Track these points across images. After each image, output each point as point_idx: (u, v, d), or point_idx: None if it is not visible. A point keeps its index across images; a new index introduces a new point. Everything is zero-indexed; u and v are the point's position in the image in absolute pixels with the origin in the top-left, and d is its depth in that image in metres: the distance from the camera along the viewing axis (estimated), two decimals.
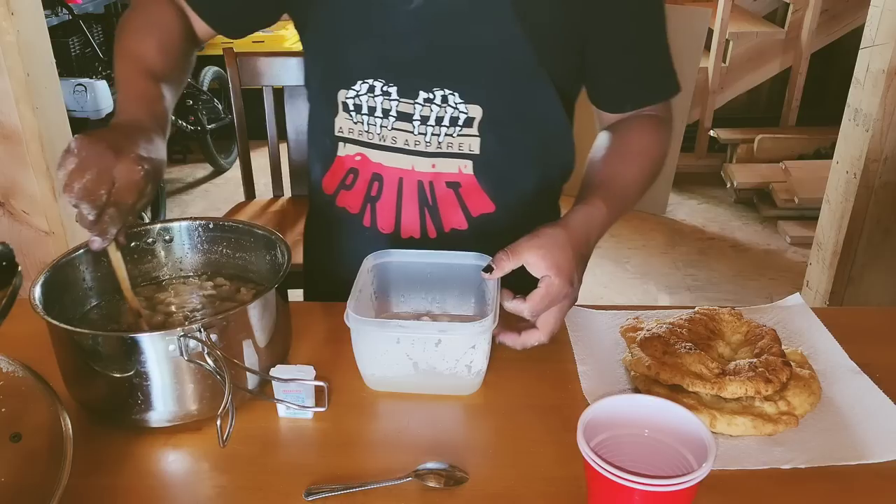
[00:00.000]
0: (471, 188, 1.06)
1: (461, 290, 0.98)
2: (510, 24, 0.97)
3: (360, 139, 1.08)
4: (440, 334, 0.84)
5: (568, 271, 0.87)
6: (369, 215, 1.10)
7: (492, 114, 1.02)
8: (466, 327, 0.84)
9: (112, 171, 0.78)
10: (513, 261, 0.86)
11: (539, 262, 0.86)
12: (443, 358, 0.85)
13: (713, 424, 0.81)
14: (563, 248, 0.88)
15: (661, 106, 1.10)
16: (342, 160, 1.11)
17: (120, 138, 0.82)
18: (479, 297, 0.97)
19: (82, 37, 3.19)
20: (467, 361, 0.85)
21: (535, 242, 0.87)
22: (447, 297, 0.99)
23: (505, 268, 0.87)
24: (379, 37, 1.01)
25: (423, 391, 0.89)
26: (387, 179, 1.08)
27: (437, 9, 0.98)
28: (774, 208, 3.46)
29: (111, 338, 0.80)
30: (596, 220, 0.95)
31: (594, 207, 0.95)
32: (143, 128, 0.87)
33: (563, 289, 0.87)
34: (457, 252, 0.96)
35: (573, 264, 0.88)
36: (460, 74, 1.01)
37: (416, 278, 0.98)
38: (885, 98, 1.95)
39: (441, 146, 1.04)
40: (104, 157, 0.78)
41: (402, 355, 0.85)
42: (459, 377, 0.87)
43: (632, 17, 1.02)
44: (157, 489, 0.77)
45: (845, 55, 3.87)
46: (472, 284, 0.96)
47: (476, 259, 0.94)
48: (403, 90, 1.02)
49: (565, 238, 0.89)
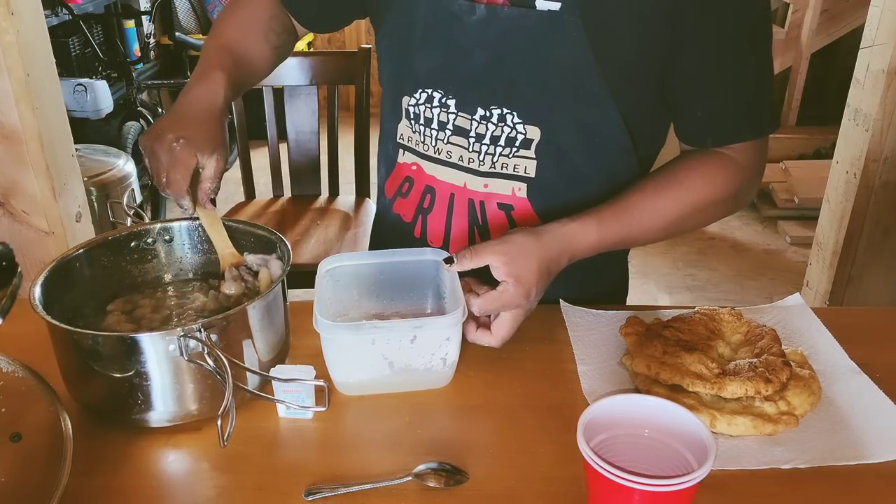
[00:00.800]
0: (523, 212, 1.03)
1: (416, 288, 0.98)
2: (581, 46, 0.92)
3: (417, 149, 1.07)
4: (415, 330, 0.84)
5: (527, 283, 0.88)
6: (420, 226, 1.10)
7: (551, 137, 0.98)
8: (440, 320, 0.85)
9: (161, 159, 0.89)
10: (474, 261, 0.88)
11: (500, 268, 0.87)
12: (418, 354, 0.86)
13: (713, 424, 0.81)
14: (528, 259, 0.88)
15: (747, 146, 0.98)
16: (401, 167, 1.11)
17: (166, 124, 0.91)
18: (436, 293, 0.98)
19: (82, 37, 3.18)
20: (442, 354, 0.86)
21: (501, 248, 0.88)
22: (402, 295, 0.99)
23: (465, 265, 0.89)
24: (444, 47, 0.99)
25: (398, 390, 0.89)
26: (439, 193, 1.06)
27: (503, 24, 0.94)
28: (774, 208, 3.47)
29: (111, 338, 0.80)
30: (579, 240, 0.93)
31: (583, 228, 0.93)
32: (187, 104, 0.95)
33: (517, 299, 0.88)
34: (410, 249, 0.97)
35: (535, 277, 0.88)
36: (521, 93, 0.97)
37: (370, 280, 0.98)
38: (885, 98, 1.95)
39: (495, 166, 1.01)
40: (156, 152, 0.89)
41: (378, 356, 0.85)
42: (434, 371, 0.87)
43: (725, 45, 0.93)
44: (157, 489, 0.77)
45: (845, 55, 3.88)
46: (428, 281, 0.97)
47: (433, 255, 0.95)
48: (461, 104, 1.01)
49: (534, 249, 0.89)
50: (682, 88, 0.97)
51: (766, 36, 0.97)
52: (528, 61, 0.95)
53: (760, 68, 0.96)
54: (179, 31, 3.76)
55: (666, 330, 0.92)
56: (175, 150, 0.88)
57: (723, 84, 0.95)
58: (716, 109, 0.97)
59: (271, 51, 1.10)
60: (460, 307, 0.85)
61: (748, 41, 0.94)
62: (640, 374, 0.89)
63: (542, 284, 0.90)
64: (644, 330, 0.93)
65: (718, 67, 0.94)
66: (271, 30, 1.09)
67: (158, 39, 3.71)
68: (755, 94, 0.97)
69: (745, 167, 0.99)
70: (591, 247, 0.94)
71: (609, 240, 0.95)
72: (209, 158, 0.90)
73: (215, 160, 0.91)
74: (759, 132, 0.99)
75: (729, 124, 0.98)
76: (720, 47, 0.93)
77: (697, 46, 0.92)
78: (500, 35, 0.95)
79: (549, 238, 0.91)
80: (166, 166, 0.89)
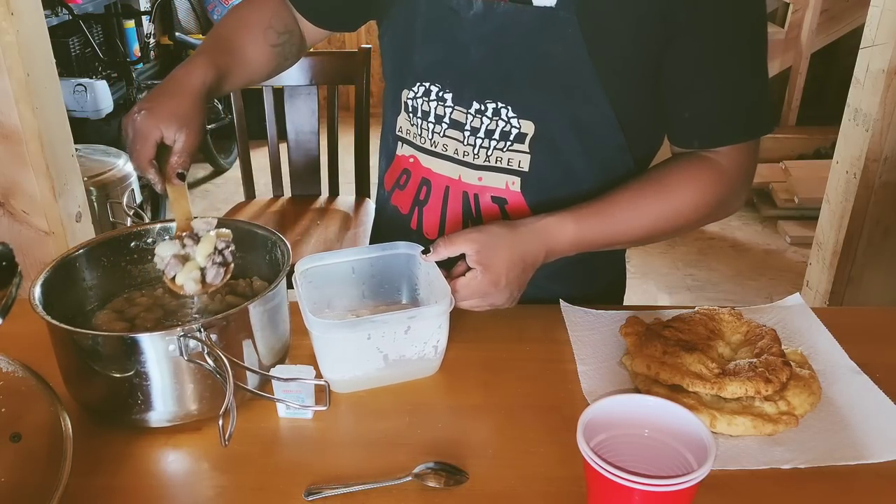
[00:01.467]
0: (517, 206, 1.04)
1: (388, 282, 1.00)
2: (575, 43, 0.93)
3: (414, 141, 1.08)
4: (409, 321, 0.86)
5: (496, 270, 0.90)
6: (416, 218, 1.11)
7: (545, 132, 0.99)
8: (433, 309, 0.87)
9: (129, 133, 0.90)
10: (449, 249, 0.91)
11: (472, 255, 0.90)
12: (412, 344, 0.87)
13: (713, 424, 0.81)
14: (499, 248, 0.90)
15: (735, 149, 0.97)
16: (399, 160, 1.12)
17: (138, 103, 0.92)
18: (410, 285, 1.00)
19: (82, 37, 3.18)
20: (434, 342, 0.88)
21: (474, 237, 0.91)
22: (376, 290, 1.00)
23: (441, 254, 0.92)
24: (443, 42, 1.01)
25: (390, 382, 0.90)
26: (434, 185, 1.08)
27: (500, 20, 0.96)
28: (774, 208, 3.47)
29: (111, 338, 0.80)
30: (555, 235, 0.94)
31: (559, 223, 0.94)
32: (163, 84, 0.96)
33: (485, 286, 0.90)
34: (382, 244, 0.99)
35: (504, 266, 0.90)
36: (515, 88, 0.98)
37: (343, 278, 0.99)
38: (885, 98, 1.95)
39: (489, 159, 1.02)
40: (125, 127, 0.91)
41: (373, 350, 0.86)
42: (426, 360, 0.90)
43: (715, 46, 0.92)
44: (157, 489, 0.77)
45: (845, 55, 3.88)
46: (401, 274, 1.00)
47: (406, 248, 0.97)
48: (458, 97, 1.02)
49: (507, 239, 0.91)
50: (670, 88, 0.96)
51: (760, 39, 0.95)
52: (523, 57, 0.96)
53: (752, 71, 0.95)
54: (179, 31, 3.76)
55: (666, 330, 0.92)
56: (136, 122, 0.89)
57: (711, 85, 0.95)
58: (703, 110, 0.96)
59: (270, 48, 1.10)
60: (448, 295, 0.87)
61: (739, 43, 0.93)
62: (640, 374, 0.89)
63: (513, 275, 0.91)
64: (644, 330, 0.93)
65: (707, 68, 0.94)
66: (271, 27, 1.09)
67: (158, 39, 3.70)
68: (745, 96, 0.96)
69: (731, 174, 0.97)
70: (570, 243, 0.95)
71: (588, 238, 0.96)
72: (178, 133, 0.90)
73: (185, 135, 0.90)
74: (746, 135, 0.97)
75: (716, 126, 0.97)
76: (710, 48, 0.93)
77: (687, 46, 0.92)
78: (497, 30, 0.96)
79: (524, 230, 0.93)
80: (131, 139, 0.90)
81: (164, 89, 0.95)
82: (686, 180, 0.98)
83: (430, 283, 0.94)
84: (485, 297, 0.92)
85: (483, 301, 0.92)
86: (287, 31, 1.12)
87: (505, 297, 0.93)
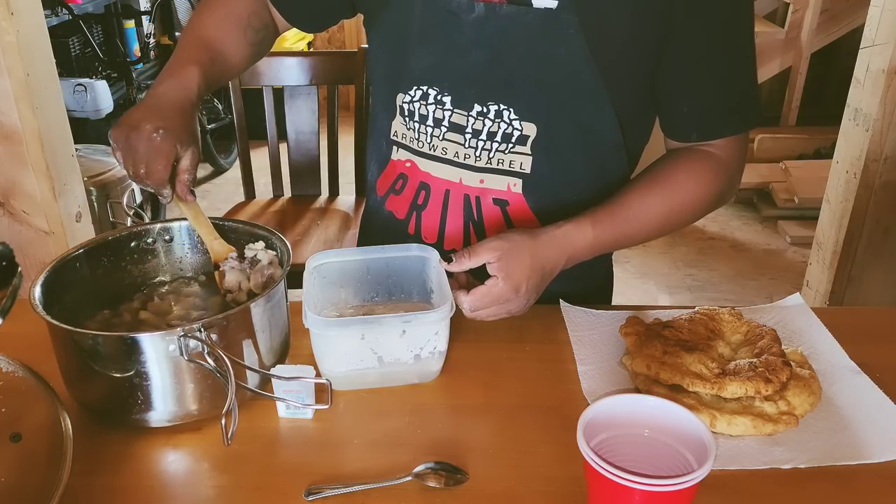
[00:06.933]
0: (518, 208, 1.04)
1: (402, 283, 1.00)
2: (577, 44, 0.93)
3: (411, 146, 1.08)
4: (405, 325, 0.85)
5: (517, 278, 0.90)
6: (414, 223, 1.10)
7: (547, 133, 0.99)
8: (429, 315, 0.86)
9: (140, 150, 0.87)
10: (472, 261, 0.91)
11: (494, 264, 0.90)
12: (408, 348, 0.87)
13: (713, 424, 0.81)
14: (520, 257, 0.90)
15: (730, 141, 1.00)
16: (394, 164, 1.11)
17: (140, 116, 0.89)
18: (422, 288, 0.99)
19: (82, 37, 3.18)
20: (431, 348, 0.88)
21: (496, 244, 0.90)
22: (389, 290, 1.00)
23: (464, 265, 0.91)
24: (441, 44, 1.00)
25: (388, 384, 0.90)
26: (434, 189, 1.07)
27: (501, 22, 0.95)
28: (774, 208, 3.46)
29: (111, 338, 0.80)
30: (576, 240, 0.95)
31: (578, 228, 0.95)
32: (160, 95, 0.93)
33: (506, 293, 0.90)
34: (397, 245, 0.98)
35: (525, 273, 0.90)
36: (518, 90, 0.98)
37: (357, 276, 0.99)
38: (885, 98, 1.94)
39: (491, 162, 1.02)
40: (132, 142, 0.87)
41: (367, 350, 0.86)
42: (424, 365, 0.89)
43: (712, 41, 0.95)
44: (157, 489, 0.77)
45: (845, 55, 3.88)
46: (414, 276, 0.98)
47: (420, 251, 0.96)
48: (458, 100, 1.01)
49: (528, 248, 0.91)
50: (669, 84, 0.99)
51: (750, 33, 0.99)
52: (525, 59, 0.96)
53: (745, 63, 0.99)
54: (179, 31, 3.76)
55: (666, 330, 0.92)
56: (155, 141, 0.87)
57: (709, 80, 0.98)
58: (701, 105, 0.99)
59: (248, 48, 1.09)
60: (448, 301, 0.87)
61: (734, 38, 0.97)
62: (640, 374, 0.89)
63: (533, 282, 0.91)
64: (644, 330, 0.93)
65: (705, 63, 0.96)
66: (250, 27, 1.08)
67: (158, 39, 3.70)
68: (740, 89, 0.99)
69: (728, 164, 1.01)
70: (588, 247, 0.96)
71: (605, 240, 0.97)
72: (185, 150, 0.90)
73: (191, 152, 0.90)
74: (743, 127, 1.01)
75: (714, 120, 1.00)
76: (708, 44, 0.95)
77: (686, 42, 0.94)
78: (498, 32, 0.96)
79: (545, 238, 0.93)
80: (145, 157, 0.87)
81: (167, 105, 0.92)
82: (689, 175, 1.00)
83: (440, 286, 0.93)
84: (504, 304, 0.91)
85: (501, 308, 0.92)
86: (264, 27, 1.11)
87: (522, 304, 0.93)
